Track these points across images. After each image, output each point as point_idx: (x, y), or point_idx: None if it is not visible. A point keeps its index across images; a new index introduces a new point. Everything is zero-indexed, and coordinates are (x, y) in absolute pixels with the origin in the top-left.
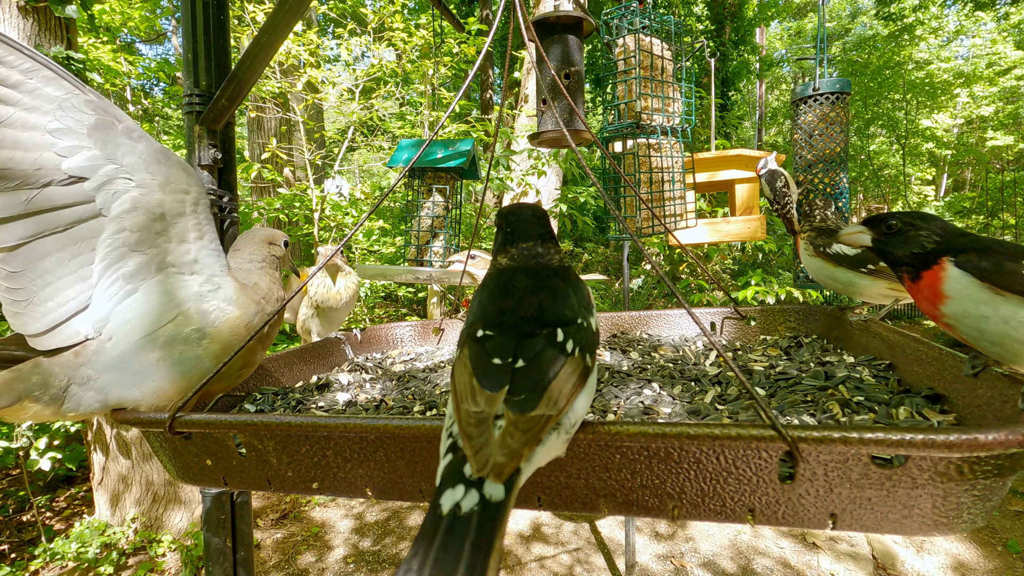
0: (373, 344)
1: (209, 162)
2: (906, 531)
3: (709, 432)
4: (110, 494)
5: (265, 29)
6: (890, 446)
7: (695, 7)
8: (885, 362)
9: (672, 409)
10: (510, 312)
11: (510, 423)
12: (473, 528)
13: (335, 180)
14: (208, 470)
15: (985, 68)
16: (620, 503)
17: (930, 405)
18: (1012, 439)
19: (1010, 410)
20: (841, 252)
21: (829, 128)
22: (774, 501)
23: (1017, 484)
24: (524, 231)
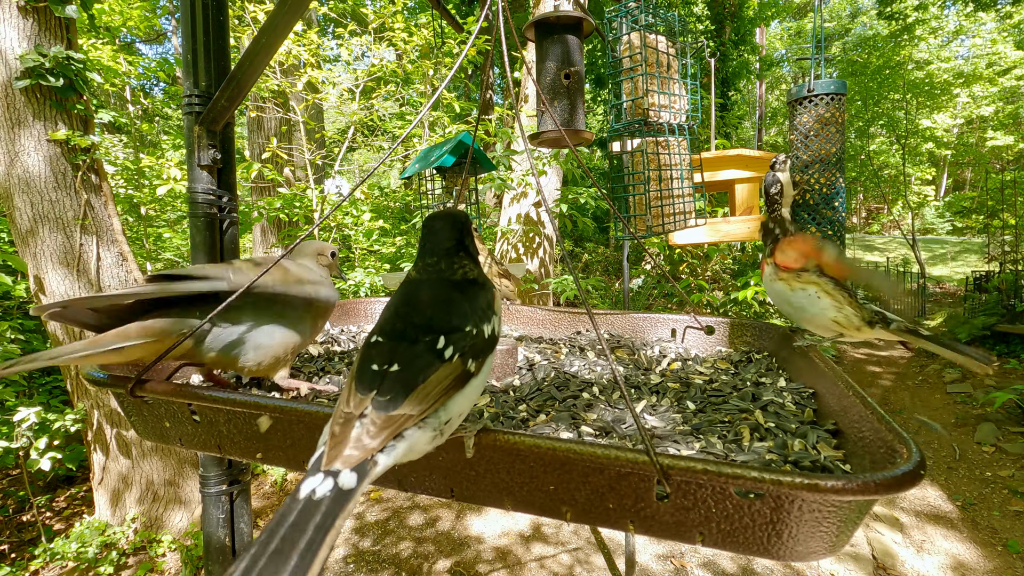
0: (351, 316)
1: (208, 162)
2: (769, 555)
3: (591, 452)
4: (110, 494)
5: (265, 29)
6: (747, 481)
7: (695, 7)
8: (810, 390)
9: (599, 415)
10: (404, 319)
11: (371, 421)
12: (321, 512)
13: (335, 180)
14: (167, 431)
15: (985, 68)
16: (521, 502)
17: (829, 439)
18: (847, 488)
19: (882, 455)
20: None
21: (825, 129)
22: (651, 516)
23: (1017, 484)
24: (432, 244)
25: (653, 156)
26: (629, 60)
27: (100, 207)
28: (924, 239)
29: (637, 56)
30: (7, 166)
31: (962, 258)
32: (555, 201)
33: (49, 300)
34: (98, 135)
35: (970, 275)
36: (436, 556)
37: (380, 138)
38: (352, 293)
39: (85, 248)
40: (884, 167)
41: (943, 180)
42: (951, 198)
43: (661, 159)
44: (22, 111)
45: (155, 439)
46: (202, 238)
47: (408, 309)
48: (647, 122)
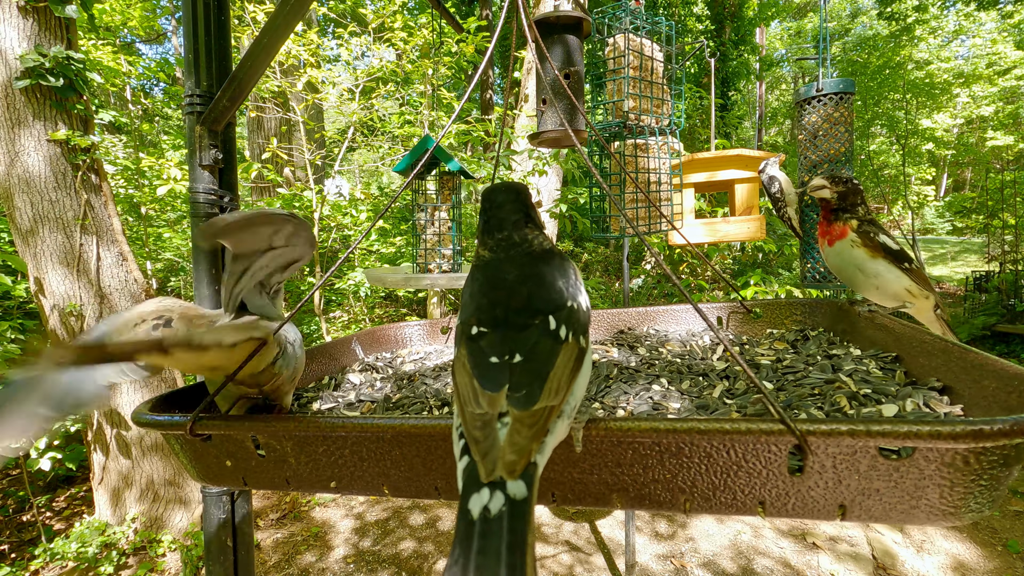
0: (382, 344)
1: (210, 162)
2: (914, 520)
3: (719, 427)
4: (110, 494)
5: (266, 30)
6: (897, 438)
7: (695, 7)
8: (891, 354)
9: (681, 404)
10: (501, 305)
11: (516, 420)
12: (505, 529)
13: (335, 180)
14: (228, 471)
15: (985, 68)
16: (632, 497)
17: (937, 396)
18: (1016, 429)
19: (1015, 400)
20: (888, 244)
21: (833, 128)
22: (784, 493)
23: (1017, 484)
24: (499, 219)
25: (631, 159)
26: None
27: (100, 207)
28: (924, 239)
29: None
30: (7, 166)
31: (962, 258)
32: (555, 201)
33: (49, 300)
34: (98, 135)
35: (970, 275)
36: (436, 556)
37: (380, 138)
38: (352, 293)
39: (85, 248)
40: (884, 167)
41: (943, 180)
42: (951, 198)
43: (639, 162)
44: (22, 111)
45: (216, 482)
46: None
47: (501, 293)
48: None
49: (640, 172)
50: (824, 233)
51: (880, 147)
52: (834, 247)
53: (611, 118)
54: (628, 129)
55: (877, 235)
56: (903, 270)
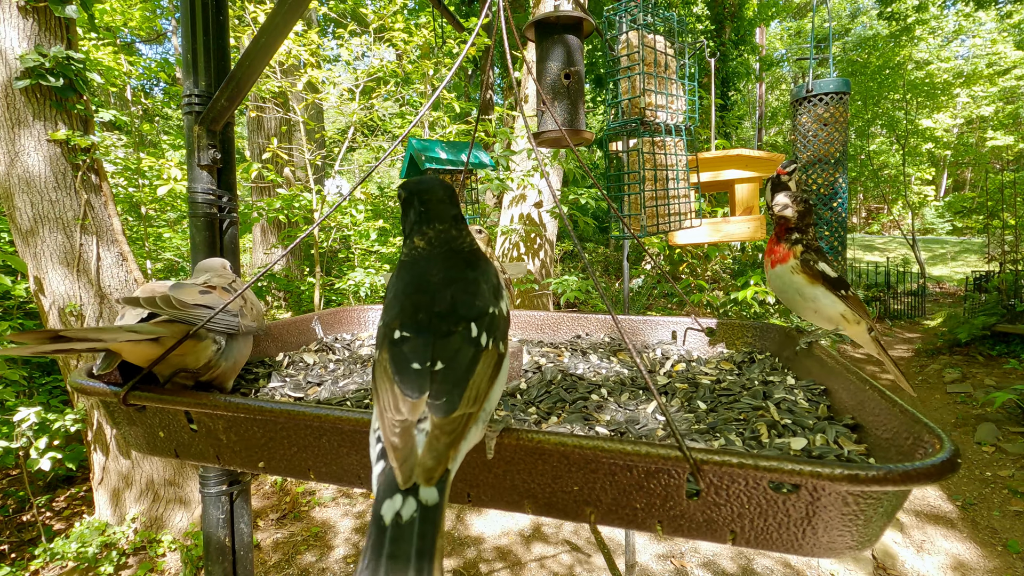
0: (343, 324)
1: (208, 162)
2: (801, 551)
3: (621, 448)
4: (110, 494)
5: (265, 29)
6: (782, 474)
7: (695, 7)
8: (821, 387)
9: (612, 416)
10: (425, 308)
11: (435, 427)
12: (415, 534)
13: (335, 180)
14: (161, 441)
15: (985, 68)
16: (542, 505)
17: (848, 433)
18: (888, 477)
19: (909, 446)
20: (826, 272)
21: (825, 128)
22: (680, 515)
23: (1017, 484)
24: (438, 211)
25: (649, 156)
26: (627, 59)
27: (100, 207)
28: (924, 239)
29: (635, 55)
30: (7, 166)
31: (962, 258)
32: (556, 201)
33: (49, 300)
34: (98, 134)
35: (970, 275)
36: None
37: (380, 138)
38: (352, 293)
39: (85, 248)
40: (884, 167)
41: (943, 180)
42: (951, 198)
43: (657, 159)
44: (22, 111)
45: (148, 451)
46: (202, 238)
47: (425, 297)
48: (643, 121)
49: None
50: (770, 252)
51: (880, 147)
52: (775, 270)
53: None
54: (645, 126)
55: (817, 263)
56: (839, 297)
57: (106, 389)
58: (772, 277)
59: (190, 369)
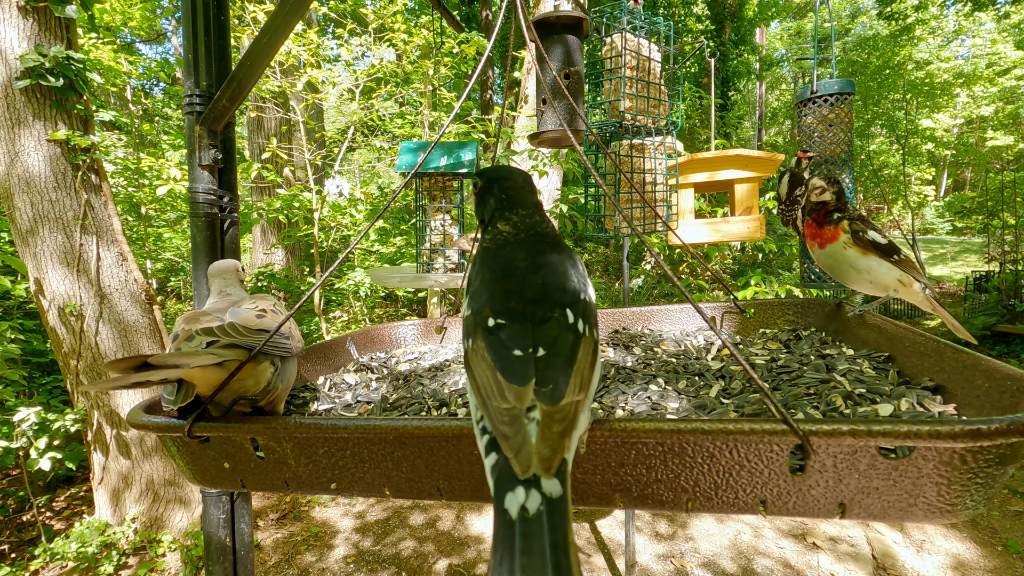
0: (376, 344)
1: (209, 162)
2: (912, 518)
3: (723, 428)
4: (110, 494)
5: (265, 30)
6: (897, 437)
7: (695, 7)
8: (884, 354)
9: (679, 404)
10: (516, 295)
11: (546, 415)
12: (546, 528)
13: (335, 180)
14: (226, 472)
15: (985, 68)
16: (635, 497)
17: (931, 396)
18: (1012, 428)
19: (1008, 400)
20: (877, 240)
21: (831, 129)
22: (785, 492)
23: (1017, 484)
24: (520, 198)
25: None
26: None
27: (100, 207)
28: (924, 239)
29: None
30: (7, 166)
31: (962, 258)
32: (555, 201)
33: (49, 300)
34: (98, 134)
35: (970, 275)
36: (436, 556)
37: (380, 138)
38: (352, 293)
39: (85, 248)
40: (884, 167)
41: (943, 180)
42: (951, 198)
43: (635, 162)
44: (22, 111)
45: (213, 484)
46: (203, 238)
47: (513, 282)
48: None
49: (636, 172)
50: (814, 235)
51: (880, 147)
52: (826, 249)
53: (607, 118)
54: (624, 129)
55: (866, 233)
56: (893, 263)
57: (171, 424)
58: (822, 257)
59: (249, 395)
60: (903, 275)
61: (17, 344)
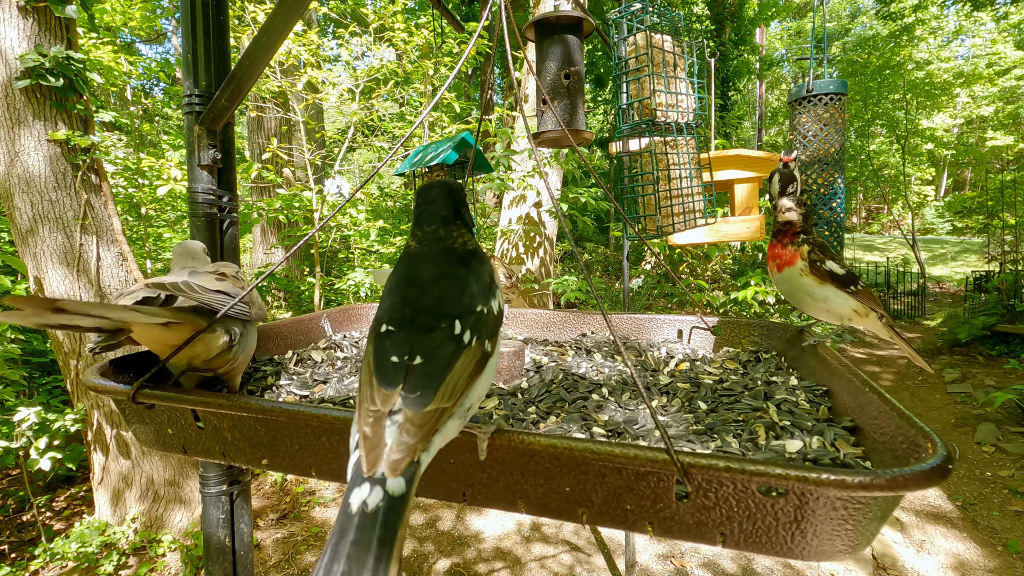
0: (352, 322)
1: (209, 162)
2: (791, 555)
3: (609, 451)
4: (110, 494)
5: (265, 29)
6: (770, 479)
7: (695, 7)
8: (824, 388)
9: (610, 416)
10: (411, 304)
11: (407, 419)
12: (379, 523)
13: (335, 180)
14: (169, 438)
15: (985, 68)
16: (535, 505)
17: (846, 436)
18: (875, 484)
19: (903, 450)
20: (835, 271)
21: (824, 129)
22: (670, 517)
23: (1017, 484)
24: (429, 213)
25: (662, 156)
26: (635, 61)
27: (100, 207)
28: (924, 239)
29: (643, 57)
30: (7, 166)
31: (962, 258)
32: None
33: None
34: (98, 134)
35: (970, 275)
36: (436, 556)
37: (380, 138)
38: (352, 293)
39: (85, 248)
40: (884, 167)
41: (943, 180)
42: (951, 198)
43: (670, 159)
44: (22, 111)
45: (157, 447)
46: (202, 238)
47: (414, 292)
48: (655, 122)
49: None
50: (775, 257)
51: (880, 147)
52: (783, 273)
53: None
54: (656, 127)
55: (824, 263)
56: (849, 293)
57: (117, 387)
58: (779, 281)
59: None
60: (859, 306)
61: (17, 344)
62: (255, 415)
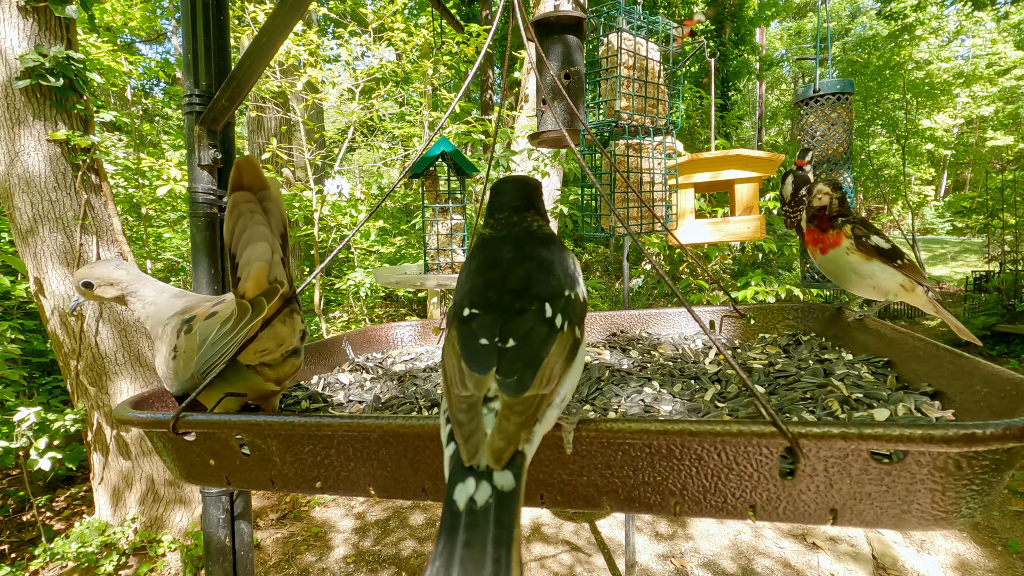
0: (373, 344)
1: (209, 162)
2: (905, 526)
3: (711, 429)
4: (110, 494)
5: (265, 29)
6: (889, 441)
7: (695, 7)
8: (883, 359)
9: (672, 407)
10: (496, 286)
11: (505, 406)
12: (492, 521)
13: (335, 180)
14: (211, 470)
15: (985, 68)
16: (622, 500)
17: (928, 401)
18: (1008, 433)
19: (1006, 405)
20: (880, 245)
21: (832, 129)
22: (775, 497)
23: (1017, 484)
24: (501, 202)
25: (622, 158)
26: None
27: (100, 207)
28: (924, 239)
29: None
30: (7, 166)
31: (962, 258)
32: (555, 201)
33: (49, 299)
34: (98, 134)
35: (970, 275)
36: None
37: (380, 138)
38: (352, 293)
39: (85, 248)
40: (884, 167)
41: (943, 180)
42: (951, 198)
43: (630, 162)
44: (22, 111)
45: (199, 481)
46: (202, 238)
47: (497, 274)
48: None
49: (633, 172)
50: (816, 241)
51: (880, 147)
52: (828, 255)
53: (604, 117)
54: (620, 128)
55: (869, 238)
56: (896, 268)
57: (155, 419)
58: (824, 262)
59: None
60: (906, 280)
61: (17, 344)
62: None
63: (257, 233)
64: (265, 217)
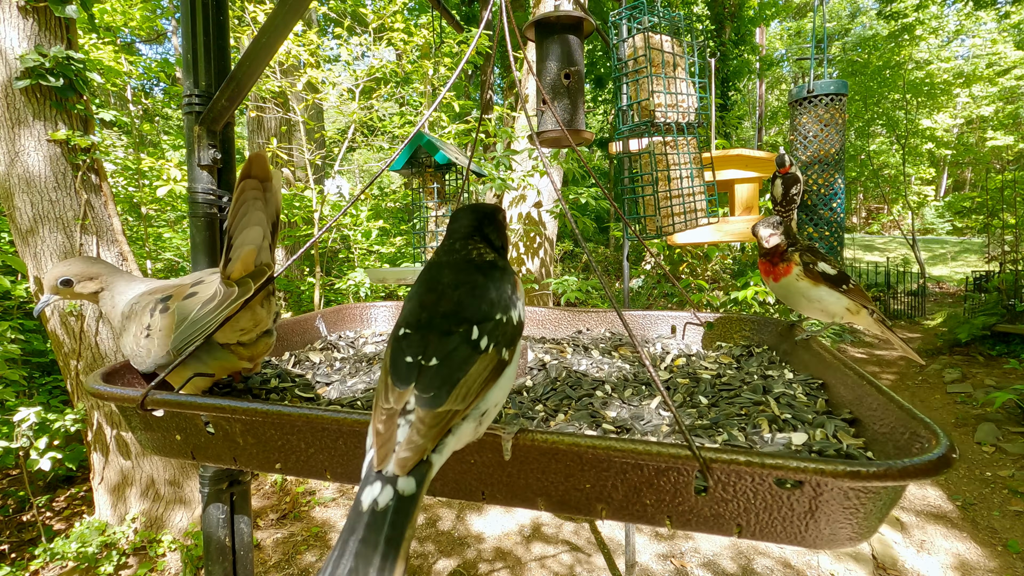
0: (347, 322)
1: (209, 162)
2: (804, 544)
3: (633, 448)
4: (110, 494)
5: (265, 29)
6: (788, 472)
7: (695, 7)
8: (819, 381)
9: (618, 412)
10: (429, 308)
11: (418, 419)
12: (387, 522)
13: (335, 180)
14: (177, 444)
15: (985, 68)
16: (555, 502)
17: (846, 428)
18: (888, 474)
19: (905, 440)
20: (827, 272)
21: (825, 130)
22: (688, 510)
23: (1017, 484)
24: (453, 228)
25: (661, 157)
26: (634, 62)
27: (100, 207)
28: (924, 239)
29: (642, 58)
30: (7, 166)
31: (962, 258)
32: (555, 202)
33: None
34: (98, 134)
35: (970, 275)
36: (436, 556)
37: (380, 138)
38: (352, 293)
39: (85, 248)
40: (884, 167)
41: (943, 180)
42: (951, 198)
43: (669, 159)
44: (22, 111)
45: (164, 453)
46: (202, 238)
47: (433, 297)
48: (654, 123)
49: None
50: (768, 272)
51: (880, 147)
52: (780, 282)
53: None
54: (656, 128)
55: (816, 264)
56: (842, 292)
57: (124, 394)
58: (777, 288)
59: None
60: (851, 303)
61: (17, 344)
62: (269, 420)
63: (254, 219)
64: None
